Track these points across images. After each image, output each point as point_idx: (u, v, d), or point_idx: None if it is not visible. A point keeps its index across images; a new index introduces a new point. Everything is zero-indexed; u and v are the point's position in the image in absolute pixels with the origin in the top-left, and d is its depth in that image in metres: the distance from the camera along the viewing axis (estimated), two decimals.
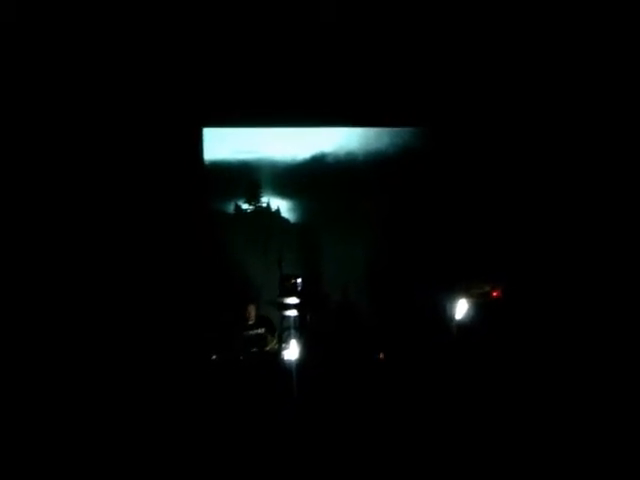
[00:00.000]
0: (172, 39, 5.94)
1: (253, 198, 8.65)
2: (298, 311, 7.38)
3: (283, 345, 7.33)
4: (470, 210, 6.85)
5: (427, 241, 6.98)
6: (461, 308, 6.80)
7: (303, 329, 7.33)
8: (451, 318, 6.80)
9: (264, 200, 8.71)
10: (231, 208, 8.77)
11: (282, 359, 7.19)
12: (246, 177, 8.37)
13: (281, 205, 8.65)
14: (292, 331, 7.35)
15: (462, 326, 6.75)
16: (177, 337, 6.08)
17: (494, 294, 6.76)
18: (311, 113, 6.51)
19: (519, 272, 6.42)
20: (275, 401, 5.95)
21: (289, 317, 7.40)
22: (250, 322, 7.53)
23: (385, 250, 7.57)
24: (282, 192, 8.61)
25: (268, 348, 7.46)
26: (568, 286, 6.11)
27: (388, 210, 7.55)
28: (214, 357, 7.03)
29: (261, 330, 7.53)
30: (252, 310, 7.58)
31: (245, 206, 8.71)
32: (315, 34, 6.04)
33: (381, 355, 6.72)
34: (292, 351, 7.23)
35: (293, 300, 7.37)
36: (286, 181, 8.36)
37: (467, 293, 6.84)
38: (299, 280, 7.35)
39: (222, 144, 7.90)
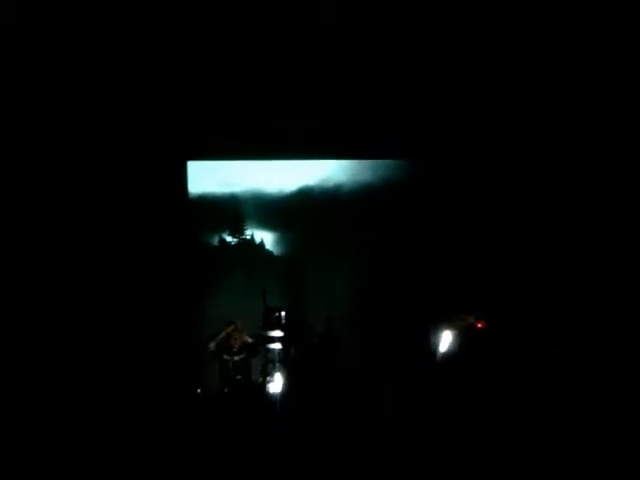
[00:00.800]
0: (159, 71, 5.99)
1: (237, 230, 8.65)
2: (282, 344, 7.34)
3: (267, 378, 7.27)
4: (454, 242, 6.90)
5: (411, 273, 7.00)
6: (445, 339, 6.82)
7: (287, 362, 7.29)
8: (435, 349, 6.81)
9: (248, 232, 8.73)
10: (215, 240, 8.77)
11: (266, 392, 7.16)
12: (231, 209, 8.38)
13: (265, 237, 8.66)
14: (276, 364, 7.30)
15: (447, 357, 6.77)
16: (161, 368, 6.04)
17: (478, 325, 6.78)
18: (296, 146, 6.57)
19: (502, 303, 6.47)
20: (261, 434, 5.93)
21: (273, 350, 7.36)
22: (234, 348, 7.45)
23: (369, 282, 7.58)
24: (266, 224, 8.62)
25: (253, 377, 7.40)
26: (552, 317, 6.16)
27: (373, 242, 7.58)
28: (199, 391, 6.97)
29: (244, 355, 7.45)
30: (236, 335, 7.49)
31: (229, 238, 8.72)
32: (299, 68, 6.11)
33: None
34: (276, 384, 7.20)
35: (277, 333, 7.33)
36: (270, 214, 8.38)
37: (451, 324, 6.86)
38: (283, 313, 7.33)
39: (207, 177, 7.93)
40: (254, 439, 5.92)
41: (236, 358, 7.36)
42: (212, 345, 7.29)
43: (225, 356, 7.35)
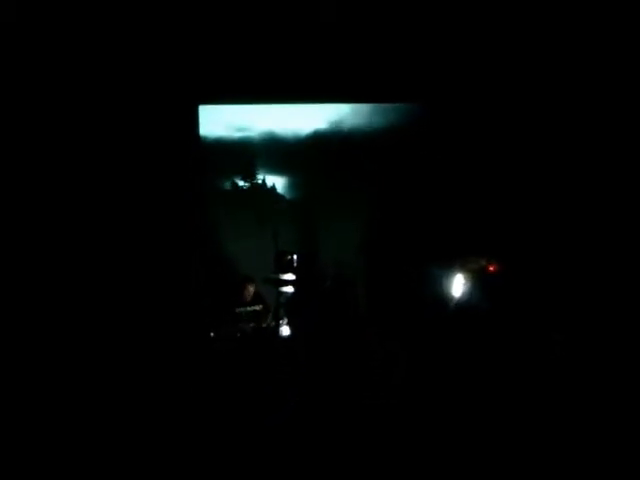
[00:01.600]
0: (167, 17, 5.91)
1: (249, 174, 8.63)
2: (294, 287, 7.38)
3: (280, 322, 7.35)
4: (465, 185, 6.86)
5: (422, 217, 6.99)
6: (458, 283, 6.84)
7: (299, 305, 7.34)
8: (448, 293, 6.83)
9: (260, 177, 8.70)
10: (227, 185, 8.76)
11: (279, 335, 7.24)
12: (242, 154, 8.35)
13: (277, 182, 8.64)
14: (288, 307, 7.37)
15: (460, 301, 6.79)
16: (175, 316, 6.10)
17: (490, 268, 6.79)
18: (307, 89, 6.49)
19: (515, 246, 6.46)
20: (271, 379, 5.99)
21: (285, 293, 7.41)
22: (247, 299, 7.57)
23: (381, 227, 7.57)
24: (278, 169, 8.59)
25: (264, 325, 7.49)
26: (564, 259, 6.15)
27: (384, 187, 7.55)
28: (212, 334, 7.07)
29: (258, 307, 7.57)
30: (250, 288, 7.63)
31: (241, 183, 8.70)
32: (310, 16, 6.03)
33: None
34: (288, 328, 7.28)
35: (289, 276, 7.37)
36: (282, 158, 8.34)
37: (463, 268, 6.87)
38: (295, 256, 7.35)
39: (218, 121, 7.88)
40: (263, 384, 5.98)
41: (249, 309, 7.45)
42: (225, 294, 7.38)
43: (238, 309, 7.45)
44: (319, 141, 8.24)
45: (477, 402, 5.63)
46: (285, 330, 7.30)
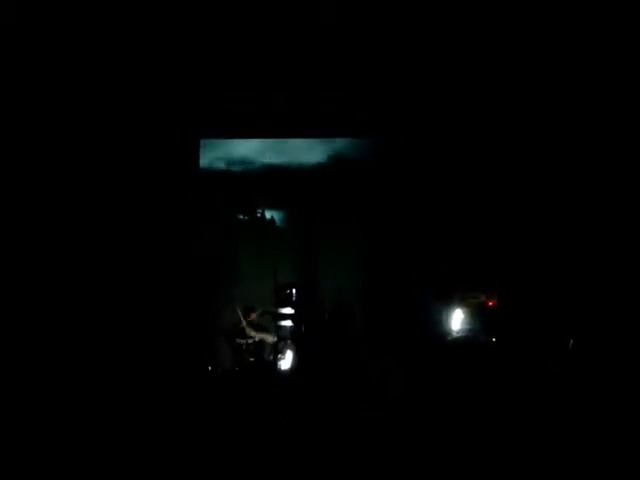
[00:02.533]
0: (171, 52, 5.99)
1: (248, 208, 8.63)
2: (293, 321, 7.36)
3: (279, 355, 7.31)
4: (464, 221, 6.89)
5: (422, 251, 7.01)
6: (457, 317, 6.85)
7: (298, 339, 7.31)
8: (448, 327, 6.84)
9: (258, 210, 8.71)
10: (226, 218, 8.74)
11: (278, 369, 7.20)
12: (241, 188, 8.36)
13: (275, 215, 8.64)
14: (288, 341, 7.34)
15: (458, 334, 6.80)
16: (174, 348, 6.08)
17: (489, 303, 6.81)
18: (308, 125, 6.58)
19: (513, 281, 6.49)
20: (272, 412, 5.95)
21: (284, 327, 7.39)
22: (247, 331, 7.48)
23: (380, 260, 7.58)
24: (276, 202, 8.58)
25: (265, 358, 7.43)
26: (562, 293, 6.18)
27: (383, 220, 7.57)
28: (210, 369, 7.02)
29: (259, 337, 7.46)
30: (253, 316, 7.53)
31: (240, 216, 8.70)
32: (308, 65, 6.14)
33: None
34: (288, 361, 7.25)
35: (288, 310, 7.35)
36: (280, 191, 8.34)
37: (463, 302, 6.88)
38: (294, 290, 7.34)
39: (217, 154, 7.92)
40: (264, 416, 5.95)
41: (250, 341, 7.37)
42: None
43: (238, 340, 7.37)
44: (318, 173, 8.24)
45: (473, 415, 5.62)
46: (284, 364, 7.26)
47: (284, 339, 7.33)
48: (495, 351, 6.44)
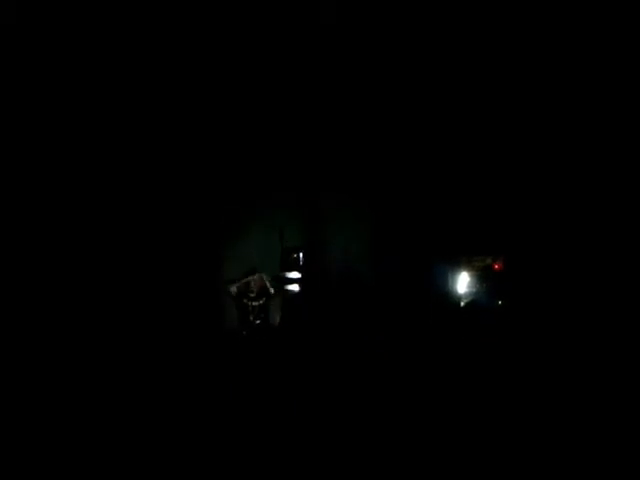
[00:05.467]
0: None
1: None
2: (300, 285, 7.37)
3: (285, 319, 7.33)
4: (471, 183, 6.88)
5: (428, 215, 7.00)
6: (463, 281, 6.87)
7: (305, 303, 7.33)
8: (454, 291, 6.86)
9: None
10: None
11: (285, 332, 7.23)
12: None
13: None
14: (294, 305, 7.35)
15: (465, 298, 6.82)
16: (180, 311, 6.12)
17: (496, 266, 6.82)
18: None
19: (520, 244, 6.49)
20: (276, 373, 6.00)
21: (291, 291, 7.40)
22: (253, 294, 7.51)
23: (387, 224, 7.55)
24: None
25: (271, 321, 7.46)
26: (568, 256, 6.19)
27: (390, 183, 7.53)
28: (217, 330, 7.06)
29: (262, 301, 7.49)
30: (257, 281, 7.55)
31: None
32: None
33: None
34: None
35: (295, 274, 7.36)
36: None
37: (469, 266, 6.89)
38: (301, 254, 7.34)
39: None
40: (269, 379, 5.99)
41: (255, 303, 7.39)
42: (233, 289, 7.33)
43: (245, 300, 7.40)
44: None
45: (480, 403, 5.62)
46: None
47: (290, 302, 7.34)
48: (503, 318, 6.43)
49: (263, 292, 7.50)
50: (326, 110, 6.80)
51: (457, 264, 6.90)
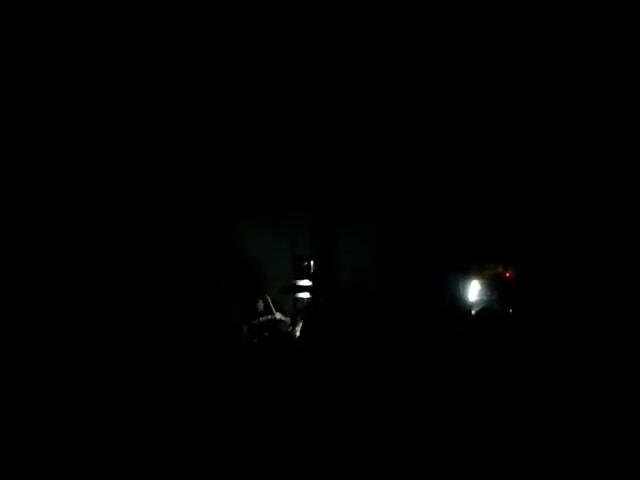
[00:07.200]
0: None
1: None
2: (311, 293, 7.37)
3: (296, 327, 7.34)
4: (482, 193, 6.89)
5: (439, 224, 7.01)
6: (474, 289, 6.86)
7: (315, 311, 7.32)
8: (465, 299, 6.85)
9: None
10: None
11: (295, 341, 7.23)
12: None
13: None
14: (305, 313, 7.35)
15: (476, 307, 6.81)
16: (192, 325, 6.14)
17: (506, 274, 6.81)
18: None
19: (530, 252, 6.48)
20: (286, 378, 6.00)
21: (302, 299, 7.41)
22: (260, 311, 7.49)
23: (398, 233, 7.56)
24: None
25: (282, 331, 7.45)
26: (579, 264, 6.18)
27: (401, 192, 7.55)
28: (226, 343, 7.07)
29: (271, 316, 7.47)
30: (260, 301, 7.54)
31: None
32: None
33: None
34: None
35: (305, 282, 7.36)
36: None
37: (480, 274, 6.89)
38: (312, 262, 7.35)
39: None
40: (279, 383, 5.98)
41: (262, 319, 7.37)
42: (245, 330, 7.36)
43: (253, 321, 7.41)
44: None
45: (489, 409, 5.61)
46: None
47: (301, 311, 7.35)
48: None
49: (268, 310, 7.50)
50: (337, 120, 6.81)
51: (468, 272, 6.90)
